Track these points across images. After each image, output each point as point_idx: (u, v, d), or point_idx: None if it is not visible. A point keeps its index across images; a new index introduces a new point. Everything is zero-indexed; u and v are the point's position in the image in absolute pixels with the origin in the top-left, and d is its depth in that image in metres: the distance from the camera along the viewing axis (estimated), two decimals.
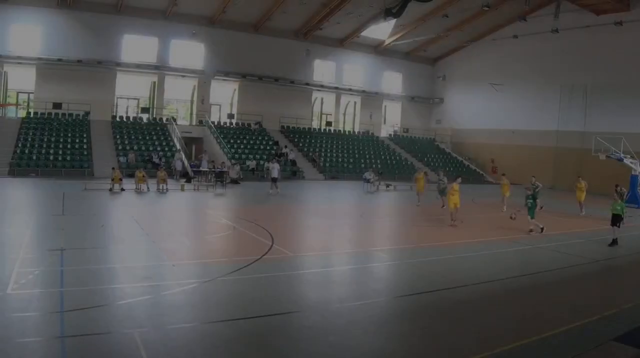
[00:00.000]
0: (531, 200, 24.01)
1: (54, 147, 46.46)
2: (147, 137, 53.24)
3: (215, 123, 60.06)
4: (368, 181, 44.64)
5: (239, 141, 57.50)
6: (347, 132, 71.83)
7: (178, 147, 51.74)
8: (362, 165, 57.96)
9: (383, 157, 65.11)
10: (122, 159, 47.05)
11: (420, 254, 18.46)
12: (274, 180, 38.86)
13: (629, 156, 45.44)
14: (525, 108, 64.92)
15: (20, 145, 45.44)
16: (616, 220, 21.94)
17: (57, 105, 51.75)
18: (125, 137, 52.03)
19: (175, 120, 58.07)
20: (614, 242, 21.81)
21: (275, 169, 39.65)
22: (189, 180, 43.12)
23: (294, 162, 56.14)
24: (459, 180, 26.77)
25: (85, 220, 22.09)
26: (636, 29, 51.27)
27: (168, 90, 60.16)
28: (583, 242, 23.07)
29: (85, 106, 52.89)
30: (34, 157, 44.23)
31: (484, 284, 14.87)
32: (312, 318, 11.45)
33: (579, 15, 56.32)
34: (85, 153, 46.89)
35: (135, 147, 50.20)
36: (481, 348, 9.98)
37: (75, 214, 23.91)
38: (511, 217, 26.65)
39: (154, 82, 58.87)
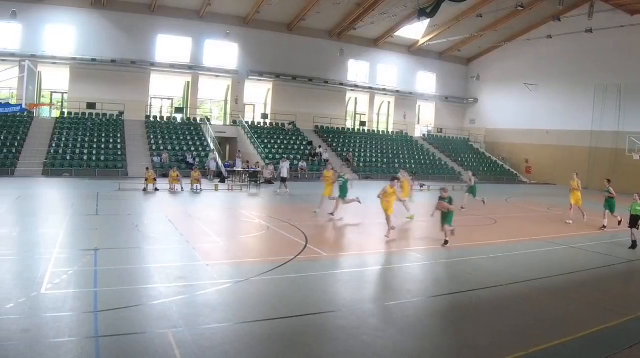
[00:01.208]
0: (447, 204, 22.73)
1: (88, 147, 46.70)
2: (181, 137, 53.33)
3: (249, 123, 60.16)
4: None
5: (273, 141, 57.47)
6: (381, 132, 71.80)
7: (212, 147, 51.73)
8: (396, 165, 57.73)
9: (417, 157, 65.02)
10: (156, 159, 47.17)
11: (454, 254, 18.16)
12: (283, 179, 38.50)
13: None
14: (559, 108, 64.83)
15: (54, 145, 45.76)
16: (636, 221, 21.20)
17: (91, 105, 52.14)
18: (159, 137, 52.21)
19: (209, 120, 58.30)
20: (634, 244, 21.13)
21: (284, 168, 39.29)
22: (222, 180, 43.11)
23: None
24: (396, 182, 23.24)
25: (119, 220, 22.01)
26: None
27: (202, 90, 60.49)
28: (617, 242, 22.51)
29: (119, 106, 53.27)
30: (68, 157, 44.44)
31: (518, 284, 14.66)
32: (346, 317, 11.29)
33: (613, 15, 55.91)
34: (119, 153, 47.07)
35: (169, 147, 50.32)
36: (515, 348, 9.87)
37: (109, 214, 23.85)
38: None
39: (188, 82, 59.16)
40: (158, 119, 56.92)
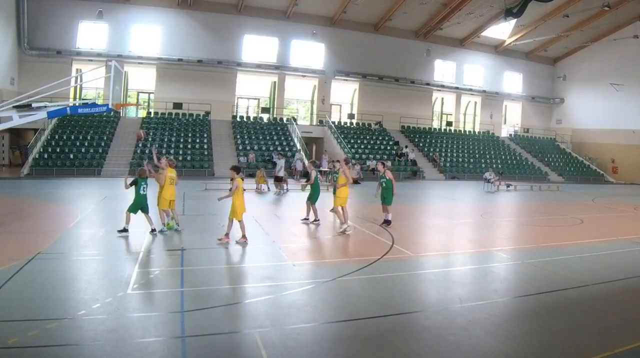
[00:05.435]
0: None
1: (174, 147, 47.50)
2: (268, 137, 53.75)
3: (336, 123, 60.41)
4: (488, 181, 43.95)
5: (359, 141, 57.55)
6: (467, 132, 71.46)
7: (298, 147, 51.90)
8: (483, 165, 57.27)
9: (503, 157, 64.55)
10: (242, 158, 47.53)
11: (541, 254, 17.62)
12: (278, 179, 35.47)
13: None
14: None
15: (140, 144, 46.49)
16: None
17: (177, 105, 53.15)
18: (246, 136, 52.73)
19: (295, 120, 58.62)
20: None
21: (279, 166, 36.33)
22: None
23: (414, 162, 55.69)
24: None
25: (206, 220, 22.04)
26: None
27: (288, 90, 61.06)
28: None
29: (206, 106, 54.06)
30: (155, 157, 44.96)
31: (604, 284, 14.05)
32: (432, 317, 11.01)
33: None
34: (206, 153, 47.61)
35: (256, 147, 50.65)
36: (602, 348, 9.55)
37: (196, 214, 23.93)
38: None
39: (274, 82, 59.69)
40: (244, 119, 57.51)
